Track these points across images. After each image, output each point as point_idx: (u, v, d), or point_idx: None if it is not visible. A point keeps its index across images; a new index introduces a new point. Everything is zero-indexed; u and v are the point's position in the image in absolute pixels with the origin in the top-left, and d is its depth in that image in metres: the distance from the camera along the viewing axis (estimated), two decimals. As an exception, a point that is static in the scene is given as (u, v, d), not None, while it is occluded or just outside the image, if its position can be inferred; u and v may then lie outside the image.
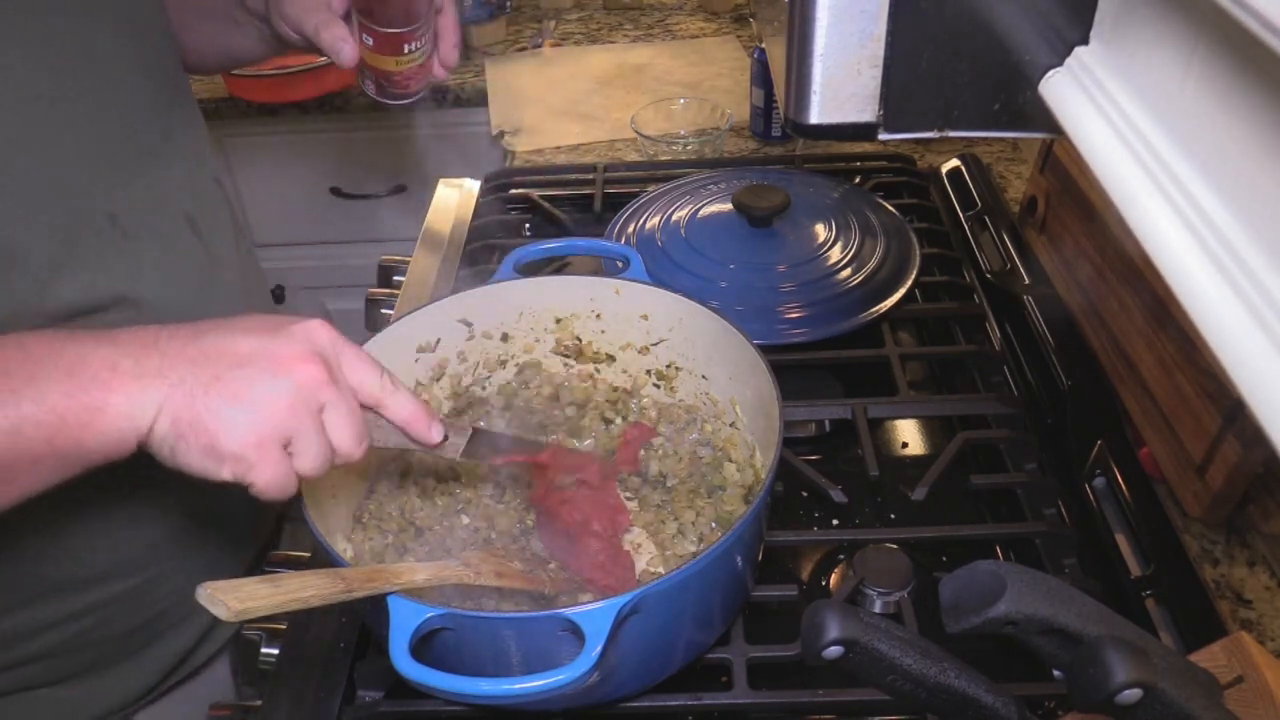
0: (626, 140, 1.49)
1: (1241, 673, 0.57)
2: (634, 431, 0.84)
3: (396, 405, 0.61)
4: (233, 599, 0.50)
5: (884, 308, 0.99)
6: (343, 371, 0.58)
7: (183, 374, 0.53)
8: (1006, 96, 0.49)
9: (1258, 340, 0.30)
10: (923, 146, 1.40)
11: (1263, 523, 0.78)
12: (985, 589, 0.45)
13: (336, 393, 0.56)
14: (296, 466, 0.56)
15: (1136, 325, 0.88)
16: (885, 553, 0.78)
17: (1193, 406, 0.79)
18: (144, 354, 0.54)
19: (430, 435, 0.63)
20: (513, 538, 0.77)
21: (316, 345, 0.57)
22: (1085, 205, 1.00)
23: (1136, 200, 0.37)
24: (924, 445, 0.95)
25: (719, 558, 0.60)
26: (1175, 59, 0.38)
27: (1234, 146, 0.34)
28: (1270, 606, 0.75)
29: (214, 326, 0.56)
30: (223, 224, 0.87)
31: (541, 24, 1.94)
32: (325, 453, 0.57)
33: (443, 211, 1.31)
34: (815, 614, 0.48)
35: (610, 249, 0.92)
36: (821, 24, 0.47)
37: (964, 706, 0.50)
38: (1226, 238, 0.33)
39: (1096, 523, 0.81)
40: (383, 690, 0.72)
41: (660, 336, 0.86)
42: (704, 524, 0.77)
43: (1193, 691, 0.44)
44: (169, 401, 0.53)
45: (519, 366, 0.90)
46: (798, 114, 0.51)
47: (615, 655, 0.57)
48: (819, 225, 1.09)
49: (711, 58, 1.75)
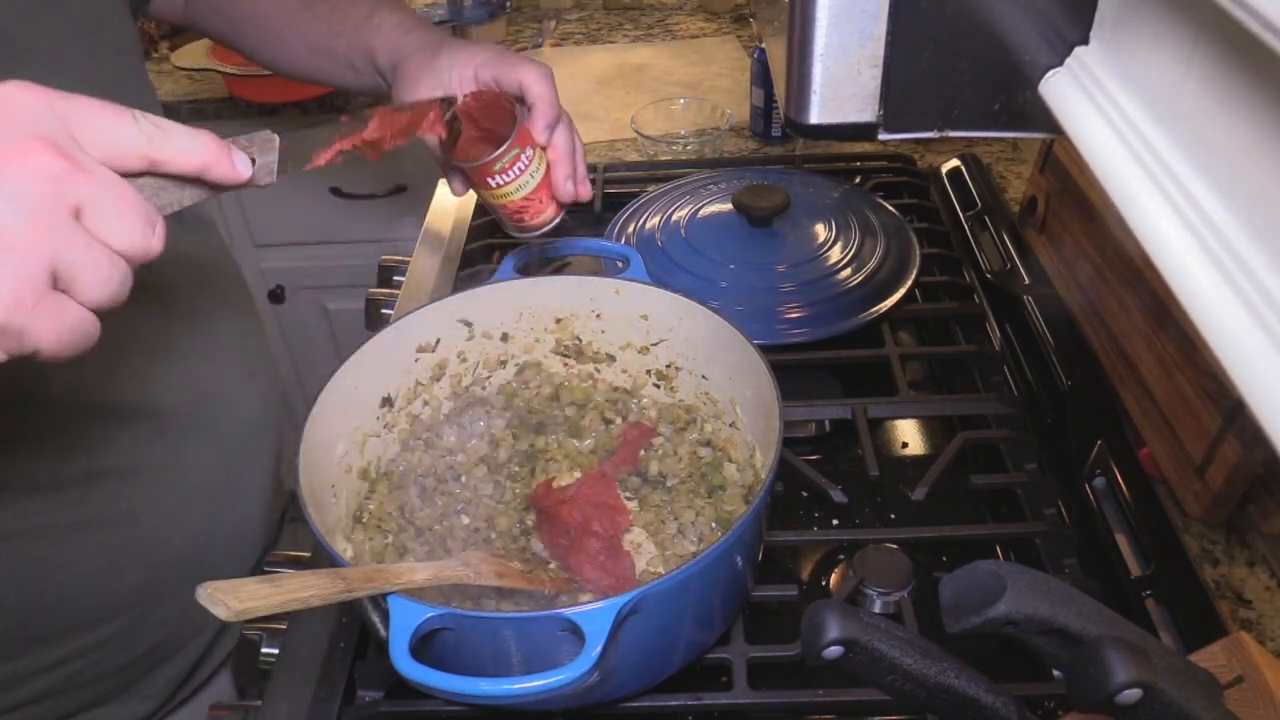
0: (626, 140, 1.49)
1: (1241, 673, 0.57)
2: (634, 431, 0.84)
3: (177, 153, 0.45)
4: (233, 599, 0.50)
5: (884, 308, 0.99)
6: (81, 143, 0.42)
7: None
8: (1006, 96, 0.49)
9: (1258, 340, 0.30)
10: (923, 146, 1.40)
11: (1263, 523, 0.78)
12: (985, 589, 0.45)
13: (88, 178, 0.41)
14: (84, 301, 0.42)
15: (1136, 325, 0.88)
16: (885, 553, 0.78)
17: (1193, 406, 0.79)
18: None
19: (236, 171, 0.48)
20: (513, 538, 0.77)
21: (29, 125, 0.41)
22: (1085, 205, 1.00)
23: (1136, 200, 0.37)
24: (924, 445, 0.95)
25: (719, 558, 0.60)
26: (1175, 59, 0.38)
27: (1234, 146, 0.34)
28: (1270, 606, 0.75)
29: None
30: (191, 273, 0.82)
31: (541, 24, 1.94)
32: (111, 265, 0.42)
33: (443, 211, 1.31)
34: (815, 614, 0.48)
35: (610, 249, 0.92)
36: (821, 24, 0.47)
37: (964, 706, 0.50)
38: (1226, 238, 0.33)
39: (1096, 523, 0.81)
40: (383, 690, 0.72)
41: (660, 336, 0.86)
42: (704, 524, 0.77)
43: (1193, 691, 0.44)
44: None
45: (519, 366, 0.90)
46: (798, 114, 0.51)
47: (615, 655, 0.57)
48: (819, 225, 1.09)
49: (711, 58, 1.75)
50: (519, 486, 0.82)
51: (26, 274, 0.39)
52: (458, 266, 1.18)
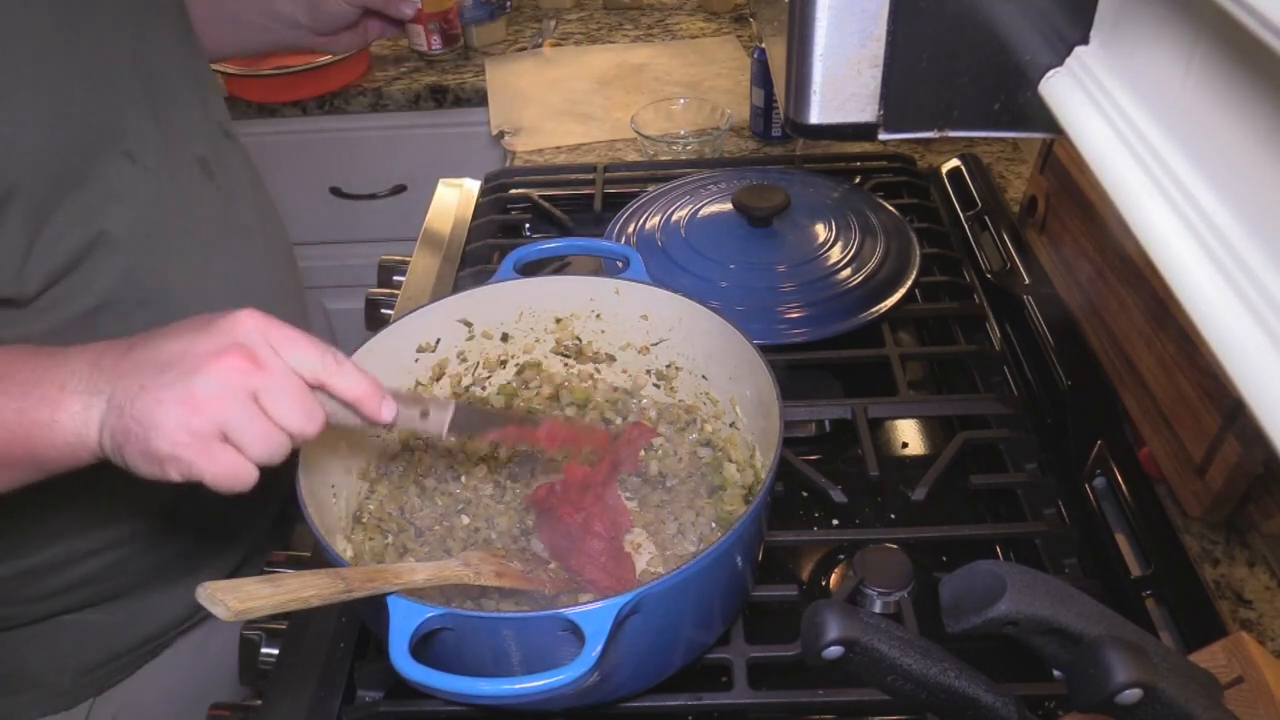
0: (626, 140, 1.49)
1: (1241, 673, 0.57)
2: (634, 431, 0.84)
3: (343, 382, 0.60)
4: (233, 599, 0.50)
5: (884, 308, 0.99)
6: (280, 355, 0.58)
7: (114, 388, 0.56)
8: (1006, 96, 0.49)
9: (1258, 340, 0.30)
10: (923, 146, 1.40)
11: (1263, 523, 0.78)
12: (985, 589, 0.45)
13: (267, 376, 0.56)
14: (248, 454, 0.57)
15: (1136, 325, 0.88)
16: (885, 553, 0.78)
17: (1193, 406, 0.79)
18: (90, 373, 0.58)
19: (379, 413, 0.62)
20: (513, 538, 0.77)
21: (239, 336, 0.57)
22: (1085, 205, 1.00)
23: (1136, 200, 0.37)
24: (924, 445, 0.95)
25: (719, 558, 0.60)
26: (1175, 59, 0.38)
27: (1234, 146, 0.34)
28: (1270, 606, 0.75)
29: (147, 337, 0.58)
30: (236, 171, 0.91)
31: (541, 24, 1.94)
32: (272, 436, 0.57)
33: (443, 211, 1.31)
34: (815, 614, 0.48)
35: (610, 249, 0.92)
36: (821, 24, 0.47)
37: (964, 706, 0.50)
38: (1226, 238, 0.33)
39: (1096, 523, 0.81)
40: (383, 690, 0.72)
41: (660, 336, 0.86)
42: (704, 524, 0.77)
43: (1193, 691, 0.44)
44: (106, 416, 0.56)
45: (519, 366, 0.90)
46: (798, 114, 0.51)
47: (615, 655, 0.57)
48: (819, 225, 1.09)
49: (711, 58, 1.75)
50: (519, 486, 0.82)
51: (200, 424, 0.55)
52: (458, 266, 1.18)
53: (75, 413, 0.57)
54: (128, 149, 0.77)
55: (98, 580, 0.86)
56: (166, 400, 0.55)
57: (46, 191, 0.71)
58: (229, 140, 0.93)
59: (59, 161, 0.71)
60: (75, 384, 0.57)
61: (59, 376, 0.58)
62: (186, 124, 0.85)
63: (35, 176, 0.70)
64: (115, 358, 0.57)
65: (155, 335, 0.58)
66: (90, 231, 0.74)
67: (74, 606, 0.87)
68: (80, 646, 0.89)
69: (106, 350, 0.58)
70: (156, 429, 0.55)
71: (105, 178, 0.75)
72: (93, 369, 0.58)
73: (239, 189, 0.91)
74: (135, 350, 0.57)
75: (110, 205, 0.76)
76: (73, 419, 0.57)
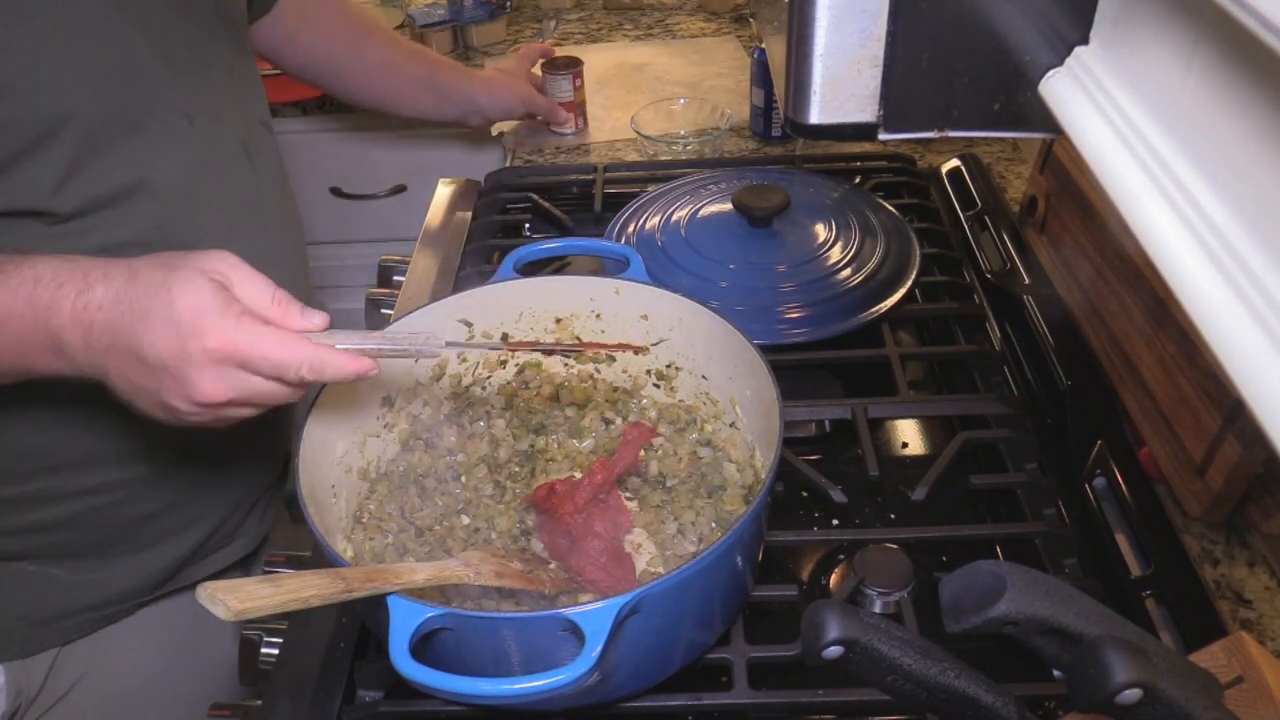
0: (626, 140, 1.49)
1: (1241, 673, 0.57)
2: (634, 431, 0.83)
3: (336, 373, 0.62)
4: (233, 599, 0.50)
5: (884, 308, 0.99)
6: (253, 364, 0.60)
7: (109, 375, 0.61)
8: (1006, 96, 0.49)
9: (1258, 340, 0.30)
10: (923, 146, 1.40)
11: (1263, 523, 0.78)
12: (985, 589, 0.45)
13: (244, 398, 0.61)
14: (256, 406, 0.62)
15: (1136, 325, 0.88)
16: (885, 553, 0.78)
17: (1193, 406, 0.79)
18: (83, 349, 0.61)
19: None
20: (513, 538, 0.77)
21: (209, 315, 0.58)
22: (1085, 205, 1.00)
23: (1136, 200, 0.37)
24: (924, 445, 0.95)
25: (719, 558, 0.60)
26: (1175, 59, 0.38)
27: (1234, 146, 0.34)
28: (1270, 606, 0.75)
29: (128, 323, 0.59)
30: (271, 161, 0.96)
31: (541, 24, 1.94)
32: (275, 393, 0.61)
33: (443, 211, 1.31)
34: (815, 614, 0.48)
35: (610, 249, 0.92)
36: (821, 24, 0.47)
37: (964, 706, 0.50)
38: (1226, 238, 0.33)
39: (1096, 523, 0.81)
40: (383, 690, 0.72)
41: (660, 336, 0.86)
42: (704, 524, 0.77)
43: (1193, 691, 0.44)
44: (110, 383, 0.62)
45: (519, 366, 0.90)
46: (798, 114, 0.51)
47: (615, 655, 0.57)
48: (819, 225, 1.09)
49: (711, 58, 1.75)
50: (519, 486, 0.82)
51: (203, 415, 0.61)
52: (458, 266, 1.18)
53: (78, 368, 0.62)
54: (188, 111, 0.81)
55: (70, 526, 0.86)
56: (167, 404, 0.60)
57: (100, 128, 0.74)
58: (268, 133, 0.98)
59: (119, 105, 0.76)
60: (70, 354, 0.61)
61: (53, 337, 0.61)
62: (239, 106, 0.90)
63: (94, 112, 0.74)
64: (105, 344, 0.60)
65: (134, 322, 0.59)
66: (133, 176, 0.78)
67: (38, 553, 0.87)
68: (38, 598, 0.89)
69: (92, 326, 0.60)
70: (165, 415, 0.62)
71: (160, 131, 0.79)
72: (85, 345, 0.60)
73: (271, 178, 0.95)
74: (120, 339, 0.59)
75: (158, 157, 0.79)
76: (76, 373, 0.62)
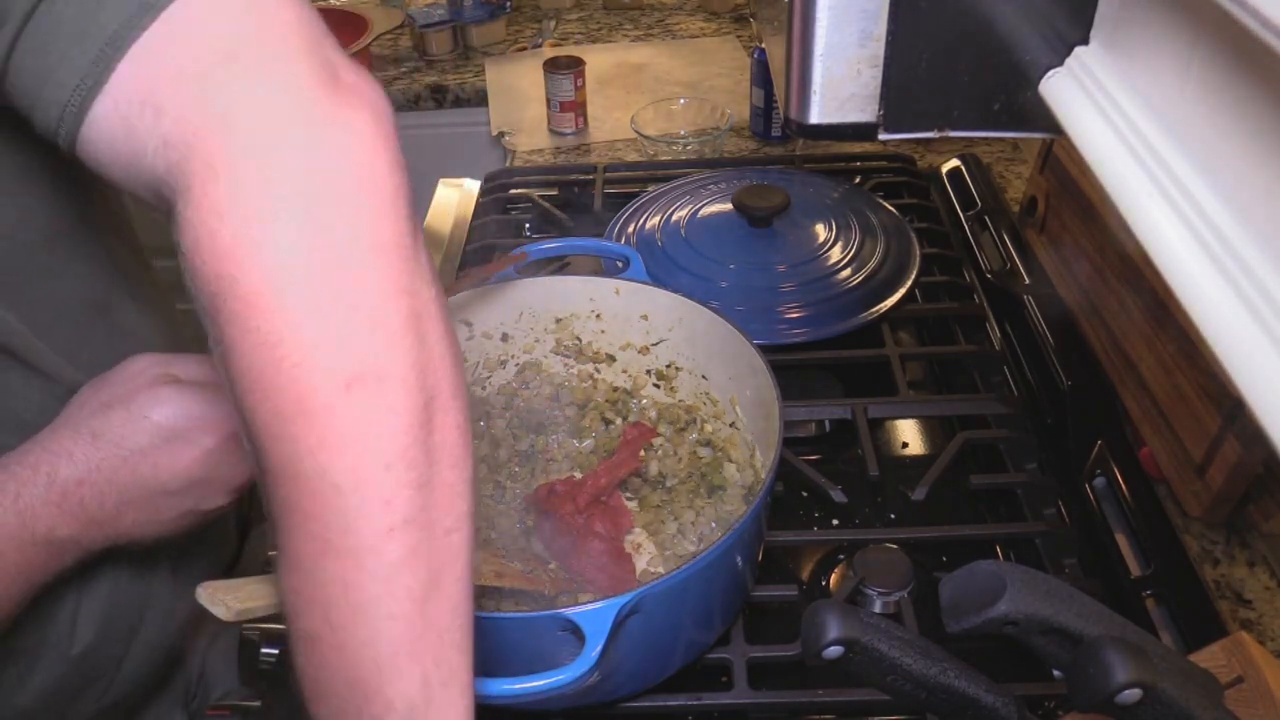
0: (626, 140, 1.49)
1: (1241, 673, 0.57)
2: (634, 431, 0.84)
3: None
4: (232, 599, 0.50)
5: (884, 308, 0.99)
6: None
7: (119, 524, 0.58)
8: (1006, 96, 0.49)
9: (1258, 340, 0.30)
10: (923, 146, 1.40)
11: (1263, 523, 0.78)
12: (985, 589, 0.45)
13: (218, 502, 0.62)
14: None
15: (1136, 325, 0.88)
16: (885, 553, 0.78)
17: (1193, 406, 0.79)
18: (82, 513, 0.56)
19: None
20: (513, 538, 0.77)
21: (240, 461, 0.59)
22: (1085, 205, 1.00)
23: (1136, 200, 0.37)
24: (924, 445, 0.95)
25: (719, 558, 0.60)
26: (1175, 59, 0.38)
27: (1234, 146, 0.34)
28: (1270, 606, 0.75)
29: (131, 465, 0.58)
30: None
31: (541, 24, 1.94)
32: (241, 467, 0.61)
33: (443, 211, 1.31)
34: (815, 614, 0.48)
35: (610, 249, 0.92)
36: (821, 24, 0.47)
37: (964, 706, 0.50)
38: (1226, 238, 0.33)
39: (1096, 523, 0.81)
40: (383, 690, 0.72)
41: (660, 336, 0.86)
42: (704, 524, 0.77)
43: (1193, 691, 0.44)
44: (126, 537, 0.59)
45: (519, 366, 0.90)
46: (798, 114, 0.51)
47: (615, 655, 0.57)
48: (819, 225, 1.09)
49: (711, 58, 1.75)
50: (519, 486, 0.82)
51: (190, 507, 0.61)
52: (458, 266, 1.18)
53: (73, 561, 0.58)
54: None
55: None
56: (204, 510, 0.62)
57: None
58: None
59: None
60: (68, 545, 0.57)
61: (44, 539, 0.56)
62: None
63: None
64: (113, 504, 0.57)
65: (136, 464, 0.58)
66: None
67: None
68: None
69: (83, 504, 0.57)
70: (198, 520, 0.62)
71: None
72: (85, 524, 0.57)
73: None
74: (129, 491, 0.58)
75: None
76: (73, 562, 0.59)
